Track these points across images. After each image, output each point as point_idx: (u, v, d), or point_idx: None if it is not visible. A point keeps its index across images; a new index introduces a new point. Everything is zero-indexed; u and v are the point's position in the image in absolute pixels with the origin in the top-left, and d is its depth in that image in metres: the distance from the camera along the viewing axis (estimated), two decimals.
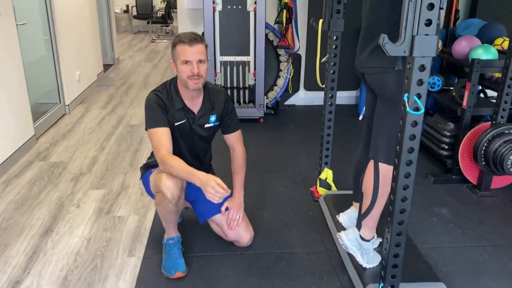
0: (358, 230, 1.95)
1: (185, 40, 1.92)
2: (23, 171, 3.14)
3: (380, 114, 1.80)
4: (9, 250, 2.24)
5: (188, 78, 1.95)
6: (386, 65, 1.64)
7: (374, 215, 1.87)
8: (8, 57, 3.24)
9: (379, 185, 1.80)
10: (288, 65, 4.41)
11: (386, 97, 1.75)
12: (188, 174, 1.83)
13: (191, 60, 1.93)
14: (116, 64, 7.02)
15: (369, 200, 1.84)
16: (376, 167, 1.80)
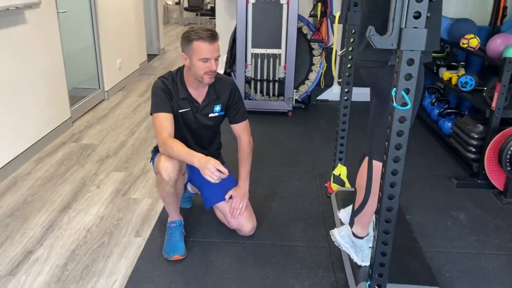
0: (350, 227, 1.91)
1: (205, 38, 1.93)
2: (55, 150, 3.34)
3: (374, 111, 1.75)
4: (28, 222, 2.40)
5: (205, 74, 1.99)
6: (380, 59, 1.58)
7: (367, 213, 1.83)
8: (48, 43, 3.44)
9: (372, 182, 1.76)
10: (321, 59, 4.36)
11: (379, 92, 1.70)
12: (188, 155, 1.88)
13: (210, 58, 1.97)
14: (161, 55, 7.23)
15: (362, 197, 1.81)
16: (370, 164, 1.76)
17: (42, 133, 3.36)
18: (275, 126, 3.99)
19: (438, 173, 3.05)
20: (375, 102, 1.76)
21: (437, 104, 3.72)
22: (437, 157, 3.32)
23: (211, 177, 1.79)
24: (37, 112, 3.30)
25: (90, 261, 2.10)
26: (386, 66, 1.57)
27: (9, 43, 2.92)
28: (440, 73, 3.54)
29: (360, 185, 1.82)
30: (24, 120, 3.13)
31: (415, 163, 3.22)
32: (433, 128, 3.67)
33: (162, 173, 1.96)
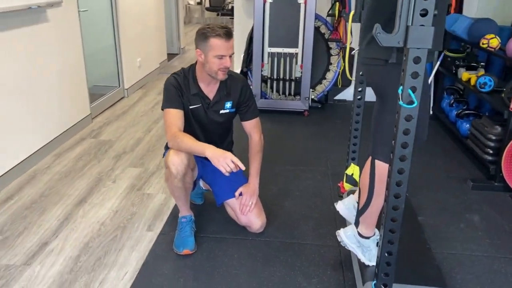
0: (356, 227, 1.90)
1: (221, 35, 1.97)
2: (74, 146, 3.43)
3: (377, 112, 1.74)
4: (45, 215, 2.47)
5: (219, 70, 2.03)
6: (380, 57, 1.57)
7: (372, 213, 1.81)
8: (69, 41, 3.53)
9: (375, 182, 1.75)
10: (339, 58, 4.34)
11: (380, 91, 1.69)
12: (199, 146, 1.92)
13: (226, 55, 2.00)
14: (181, 54, 7.31)
15: (365, 197, 1.80)
16: (373, 164, 1.74)
17: (62, 128, 3.45)
18: (290, 126, 3.99)
19: (453, 175, 3.01)
20: (377, 101, 1.75)
21: (455, 105, 3.66)
22: (454, 159, 3.27)
23: (225, 167, 1.82)
24: (58, 109, 3.39)
25: (103, 254, 2.15)
26: (387, 64, 1.56)
27: (31, 41, 3.01)
28: (459, 74, 3.48)
29: (364, 185, 1.81)
30: (45, 116, 3.22)
31: (430, 164, 3.18)
32: (450, 129, 3.61)
33: (170, 167, 1.99)
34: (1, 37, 2.70)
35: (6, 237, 2.26)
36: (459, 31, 3.45)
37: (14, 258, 2.10)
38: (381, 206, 1.81)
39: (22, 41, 2.92)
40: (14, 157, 2.87)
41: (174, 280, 1.96)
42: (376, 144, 1.73)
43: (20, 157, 2.93)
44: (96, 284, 1.94)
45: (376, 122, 1.75)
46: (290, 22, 4.00)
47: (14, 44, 2.83)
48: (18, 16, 2.85)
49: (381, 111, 1.70)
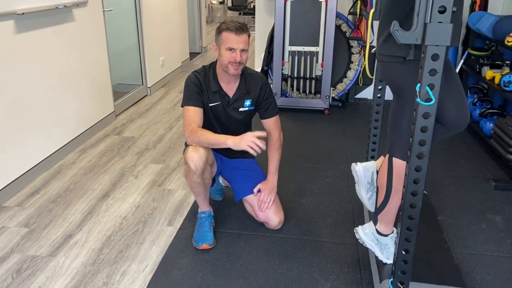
0: (374, 225, 1.90)
1: (232, 28, 2.03)
2: (98, 142, 3.51)
3: (394, 109, 1.74)
4: (70, 208, 2.55)
5: (230, 63, 2.06)
6: (398, 54, 1.57)
7: (390, 210, 1.81)
8: (94, 40, 3.62)
9: (393, 180, 1.75)
10: (360, 57, 4.32)
11: (397, 89, 1.68)
12: (220, 138, 1.99)
13: (236, 48, 2.04)
14: (203, 53, 7.38)
15: (383, 194, 1.80)
16: (390, 162, 1.74)
17: (87, 125, 3.54)
18: (310, 124, 4.00)
19: (476, 175, 2.96)
20: (394, 99, 1.74)
21: (478, 104, 3.60)
22: (476, 158, 3.22)
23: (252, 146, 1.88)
24: (83, 106, 3.48)
25: (124, 247, 2.21)
26: (405, 61, 1.55)
27: (58, 39, 3.10)
28: (483, 72, 3.42)
29: (381, 183, 1.81)
30: (71, 113, 3.31)
31: (452, 163, 3.14)
32: (473, 128, 3.55)
33: (189, 163, 2.04)
34: (29, 36, 2.79)
35: (32, 229, 2.34)
36: (483, 29, 3.39)
37: (40, 250, 2.18)
38: (399, 204, 1.81)
39: (49, 40, 3.01)
40: (41, 153, 2.96)
41: (192, 274, 2.00)
42: (393, 142, 1.73)
43: (47, 152, 3.02)
44: (117, 276, 2.00)
45: (393, 120, 1.75)
46: (311, 21, 4.00)
47: (41, 42, 2.93)
48: (46, 16, 2.94)
49: (398, 109, 1.69)
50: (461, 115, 1.70)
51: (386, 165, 1.77)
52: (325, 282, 1.96)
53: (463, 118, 1.71)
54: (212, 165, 2.18)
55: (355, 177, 2.07)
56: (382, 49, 1.65)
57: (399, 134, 1.70)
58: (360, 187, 2.04)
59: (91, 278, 1.98)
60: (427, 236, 2.13)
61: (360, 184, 2.04)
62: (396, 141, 1.72)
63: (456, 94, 1.68)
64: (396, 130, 1.72)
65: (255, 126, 2.47)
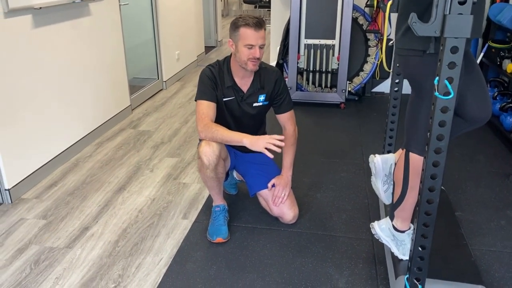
0: (391, 221, 1.88)
1: (251, 24, 1.99)
2: (115, 136, 3.54)
3: (412, 104, 1.70)
4: (86, 201, 2.58)
5: (249, 60, 2.04)
6: (417, 48, 1.53)
7: (407, 206, 1.78)
8: (111, 34, 3.64)
9: (409, 176, 1.72)
10: (377, 50, 4.26)
11: (416, 83, 1.64)
12: (236, 136, 1.97)
13: (255, 44, 2.02)
14: (218, 47, 7.38)
15: (400, 190, 1.77)
16: (407, 157, 1.71)
17: (103, 119, 3.57)
18: (326, 118, 3.97)
19: (495, 170, 2.90)
20: (413, 93, 1.71)
21: (499, 98, 3.52)
22: (496, 154, 3.16)
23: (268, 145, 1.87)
24: (100, 100, 3.51)
25: (140, 240, 2.23)
26: (424, 55, 1.52)
27: (75, 33, 3.13)
28: (504, 66, 3.34)
29: (398, 178, 1.78)
30: (88, 107, 3.35)
31: (471, 158, 3.08)
32: (493, 123, 3.48)
33: (202, 158, 2.04)
34: (47, 30, 2.82)
35: (50, 221, 2.38)
36: (505, 21, 3.30)
37: (57, 241, 2.21)
38: (416, 200, 1.78)
39: (66, 34, 3.04)
40: (58, 146, 3.00)
41: (207, 267, 2.01)
42: (411, 137, 1.70)
43: (64, 145, 3.06)
44: (133, 268, 2.02)
45: (410, 115, 1.71)
46: (327, 13, 3.96)
47: (58, 36, 2.96)
48: (63, 10, 2.97)
49: (417, 103, 1.66)
50: (483, 109, 1.66)
51: (402, 160, 1.74)
52: (339, 278, 1.95)
53: (485, 112, 1.67)
54: (225, 159, 2.18)
55: (372, 169, 2.04)
56: (400, 42, 1.62)
57: (417, 129, 1.67)
58: (377, 179, 2.01)
59: (107, 270, 2.00)
60: (445, 233, 2.10)
61: (377, 176, 2.01)
62: (414, 136, 1.69)
63: (477, 87, 1.64)
64: (413, 125, 1.69)
65: (270, 121, 2.46)
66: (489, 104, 1.68)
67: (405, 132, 1.77)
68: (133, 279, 1.95)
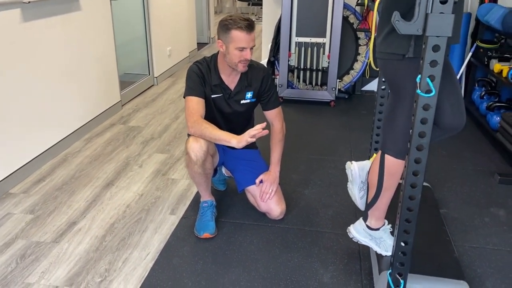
0: (364, 221, 1.90)
1: (243, 28, 1.98)
2: (104, 131, 3.54)
3: (390, 106, 1.72)
4: (74, 196, 2.58)
5: (240, 62, 2.05)
6: (397, 52, 1.55)
7: (381, 206, 1.81)
8: (101, 29, 3.63)
9: (384, 177, 1.74)
10: (367, 49, 4.28)
11: (395, 86, 1.66)
12: (225, 136, 1.97)
13: (247, 47, 2.02)
14: (211, 43, 7.37)
15: (374, 191, 1.79)
16: (382, 159, 1.73)
17: (93, 114, 3.57)
18: (316, 116, 3.99)
19: (481, 168, 2.94)
20: (391, 95, 1.73)
21: (486, 97, 3.57)
22: (482, 152, 3.20)
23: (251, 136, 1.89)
24: (89, 95, 3.51)
25: (127, 235, 2.23)
26: (404, 58, 1.55)
27: (65, 28, 3.12)
28: (491, 65, 3.38)
29: (372, 180, 1.79)
30: (77, 102, 3.34)
31: (457, 156, 3.12)
32: (480, 122, 3.52)
33: (189, 153, 2.05)
34: (36, 24, 2.81)
35: (37, 216, 2.38)
36: (492, 21, 3.34)
37: (44, 236, 2.21)
38: (389, 199, 1.82)
39: (56, 29, 3.03)
40: (47, 141, 3.00)
41: (193, 262, 2.03)
42: (387, 139, 1.72)
43: (53, 140, 3.06)
44: (119, 263, 2.03)
45: (388, 116, 1.73)
46: (318, 12, 3.98)
47: (48, 31, 2.95)
48: (52, 5, 2.96)
49: (395, 106, 1.68)
50: (458, 117, 1.67)
51: (377, 162, 1.76)
52: (324, 272, 1.97)
53: (459, 120, 1.68)
54: (213, 155, 2.19)
55: (349, 175, 2.05)
56: (381, 46, 1.63)
57: (393, 131, 1.69)
58: (354, 185, 2.03)
59: (94, 265, 2.01)
60: (429, 229, 2.13)
61: (353, 183, 2.03)
62: (390, 138, 1.71)
63: (453, 96, 1.65)
64: (390, 127, 1.71)
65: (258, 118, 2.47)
66: (463, 113, 1.69)
67: (381, 133, 1.80)
68: (120, 273, 1.96)
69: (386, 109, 1.78)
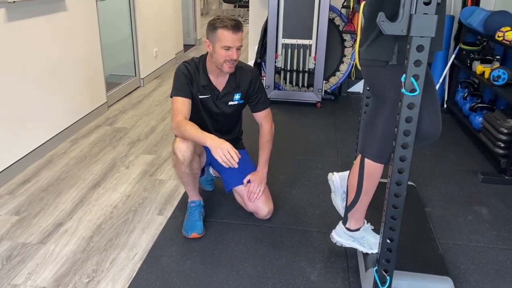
0: (344, 225, 1.93)
1: (229, 27, 2.00)
2: (90, 133, 3.52)
3: (372, 111, 1.75)
4: (61, 197, 2.56)
5: (225, 62, 2.06)
6: (381, 59, 1.58)
7: (360, 209, 1.83)
8: (87, 30, 3.61)
9: (363, 181, 1.76)
10: (353, 50, 4.33)
11: (378, 92, 1.69)
12: (201, 135, 1.96)
13: (233, 46, 2.03)
14: (197, 45, 7.37)
15: (353, 195, 1.81)
16: (362, 163, 1.76)
17: (78, 115, 3.54)
18: (303, 117, 4.02)
19: (464, 168, 3.00)
20: (373, 101, 1.76)
21: (469, 99, 3.64)
22: (466, 152, 3.26)
23: (221, 157, 1.86)
24: (75, 96, 3.48)
25: (114, 235, 2.22)
26: (387, 65, 1.58)
27: (50, 29, 3.09)
28: (474, 67, 3.45)
29: (352, 183, 1.81)
30: (63, 103, 3.31)
31: (441, 156, 3.18)
32: (463, 122, 3.59)
33: (176, 153, 2.05)
34: (21, 24, 2.79)
35: (23, 217, 2.35)
36: (475, 24, 3.41)
37: (30, 237, 2.19)
38: (368, 202, 1.85)
39: (41, 29, 3.00)
40: (32, 142, 2.97)
41: (181, 262, 2.03)
42: (368, 143, 1.75)
43: (38, 142, 3.03)
44: (107, 263, 2.02)
45: (369, 121, 1.75)
46: (305, 14, 4.01)
47: (34, 31, 2.92)
48: (38, 5, 2.93)
49: (377, 111, 1.70)
50: (434, 127, 1.71)
51: (357, 166, 1.79)
52: (312, 271, 1.99)
53: (436, 129, 1.73)
54: (200, 155, 2.19)
55: (331, 186, 2.09)
56: (365, 54, 1.66)
57: (374, 135, 1.72)
58: (336, 196, 2.07)
59: (81, 266, 2.00)
60: (414, 227, 2.17)
61: (336, 193, 2.07)
62: (370, 142, 1.73)
63: (431, 105, 1.68)
64: (371, 132, 1.73)
65: (247, 119, 2.49)
66: (440, 122, 1.73)
67: (360, 137, 1.82)
68: (107, 274, 1.95)
69: (367, 114, 1.81)
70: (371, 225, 1.94)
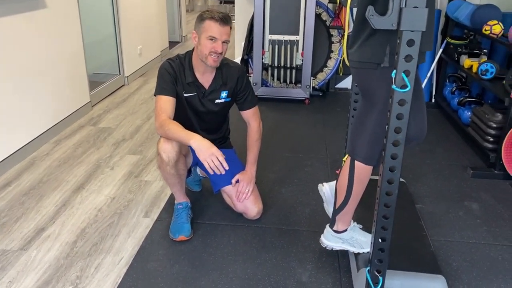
0: (331, 227, 1.89)
1: (216, 18, 1.96)
2: (74, 133, 3.43)
3: (361, 112, 1.71)
4: (43, 201, 2.48)
5: (210, 54, 2.00)
6: (372, 61, 1.54)
7: (348, 211, 1.80)
8: (68, 28, 3.51)
9: (353, 183, 1.73)
10: (340, 46, 4.29)
11: (368, 93, 1.65)
12: (185, 135, 1.90)
13: (218, 38, 1.98)
14: (183, 42, 7.28)
15: (343, 197, 1.77)
16: (352, 165, 1.72)
17: (61, 116, 3.45)
18: (291, 114, 3.97)
19: (454, 163, 2.99)
20: (363, 102, 1.72)
21: (457, 93, 3.63)
22: (455, 147, 3.25)
23: (209, 163, 1.82)
24: (57, 96, 3.39)
25: (99, 239, 2.16)
26: (378, 67, 1.54)
27: (29, 26, 3.00)
28: (461, 61, 3.44)
29: (342, 185, 1.77)
30: (45, 103, 3.22)
31: (431, 152, 3.16)
32: (452, 117, 3.58)
33: (161, 154, 1.99)
34: None
35: (3, 223, 2.27)
36: (462, 18, 3.40)
37: (11, 244, 2.11)
38: (357, 204, 1.81)
39: (20, 27, 2.90)
40: (13, 144, 2.87)
41: (169, 266, 1.97)
42: (357, 145, 1.71)
43: (19, 144, 2.93)
44: (91, 269, 1.95)
45: (358, 123, 1.71)
46: (291, 9, 3.96)
47: (12, 30, 2.82)
48: (15, 2, 2.83)
49: (367, 113, 1.66)
50: (419, 131, 1.70)
51: (347, 168, 1.75)
52: (303, 271, 1.95)
53: (422, 132, 1.72)
54: (186, 155, 2.13)
55: (323, 197, 2.06)
56: (355, 55, 1.62)
57: (363, 137, 1.68)
58: (329, 205, 2.03)
59: (64, 272, 1.93)
60: (405, 224, 2.14)
61: (328, 203, 2.04)
62: (359, 144, 1.69)
63: (418, 109, 1.65)
64: (361, 133, 1.69)
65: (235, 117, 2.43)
66: (425, 126, 1.72)
67: (349, 139, 1.79)
68: (92, 280, 1.88)
69: (356, 116, 1.77)
70: (360, 224, 1.91)
